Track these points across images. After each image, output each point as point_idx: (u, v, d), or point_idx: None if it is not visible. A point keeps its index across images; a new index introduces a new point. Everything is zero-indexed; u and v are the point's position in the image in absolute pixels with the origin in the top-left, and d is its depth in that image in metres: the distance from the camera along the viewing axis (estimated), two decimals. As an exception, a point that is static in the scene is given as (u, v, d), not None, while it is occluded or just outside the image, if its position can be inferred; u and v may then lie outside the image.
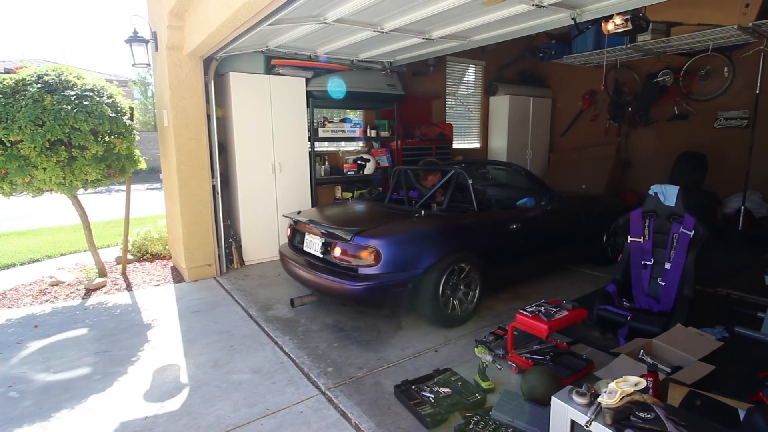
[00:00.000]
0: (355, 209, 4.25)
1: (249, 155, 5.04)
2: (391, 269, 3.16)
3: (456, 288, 3.46)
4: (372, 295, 3.18)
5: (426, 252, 3.27)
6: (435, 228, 3.46)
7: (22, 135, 3.59)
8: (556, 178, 7.87)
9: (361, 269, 3.20)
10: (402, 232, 3.35)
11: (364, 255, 3.18)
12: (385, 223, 3.51)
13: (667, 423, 1.57)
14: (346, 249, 3.28)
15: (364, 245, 3.18)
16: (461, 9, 3.71)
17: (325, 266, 3.44)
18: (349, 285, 3.17)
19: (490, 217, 3.85)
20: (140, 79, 21.96)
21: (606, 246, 4.89)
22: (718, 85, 6.11)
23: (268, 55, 5.07)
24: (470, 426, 2.23)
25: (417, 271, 3.22)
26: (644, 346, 2.72)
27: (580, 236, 4.62)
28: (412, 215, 3.61)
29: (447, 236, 3.43)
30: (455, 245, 3.42)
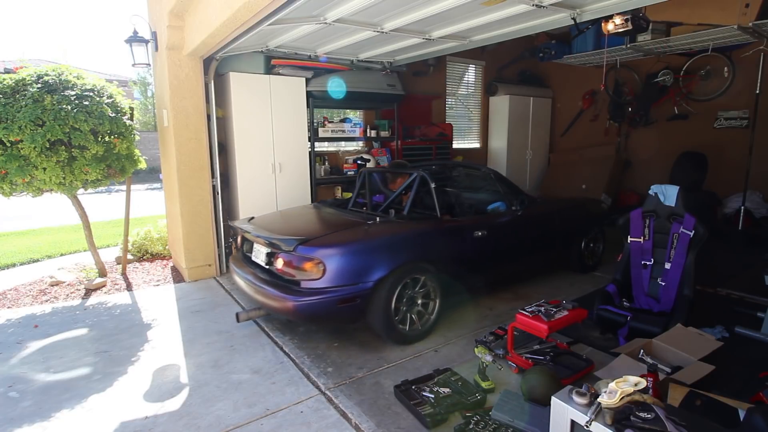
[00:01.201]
0: (310, 215, 3.94)
1: (249, 155, 5.04)
2: (337, 282, 2.88)
3: (413, 301, 3.21)
4: (315, 312, 2.90)
5: (377, 263, 2.98)
6: (389, 237, 3.19)
7: (22, 135, 3.59)
8: (556, 178, 7.89)
9: (303, 283, 2.92)
10: (350, 242, 3.06)
11: (308, 267, 2.89)
12: (336, 231, 3.25)
13: (667, 423, 1.57)
14: (289, 260, 2.98)
15: (308, 256, 2.90)
16: (461, 9, 3.71)
17: (269, 279, 3.15)
18: (289, 300, 2.88)
19: (452, 223, 3.58)
20: (140, 79, 21.98)
21: (584, 253, 4.68)
22: (718, 85, 6.11)
23: (268, 55, 5.07)
24: (470, 426, 2.23)
25: (367, 284, 2.93)
26: (644, 346, 2.72)
27: (556, 243, 4.38)
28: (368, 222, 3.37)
29: (402, 245, 3.16)
30: (411, 255, 3.15)
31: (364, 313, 3.03)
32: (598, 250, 4.84)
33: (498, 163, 7.85)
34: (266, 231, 3.37)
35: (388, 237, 3.19)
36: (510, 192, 4.17)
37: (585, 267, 4.69)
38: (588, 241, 4.68)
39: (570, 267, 4.65)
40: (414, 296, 3.22)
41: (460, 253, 3.52)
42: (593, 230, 4.70)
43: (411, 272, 3.13)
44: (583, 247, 4.62)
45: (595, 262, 4.81)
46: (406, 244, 3.19)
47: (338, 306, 2.90)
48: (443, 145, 6.75)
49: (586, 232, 4.62)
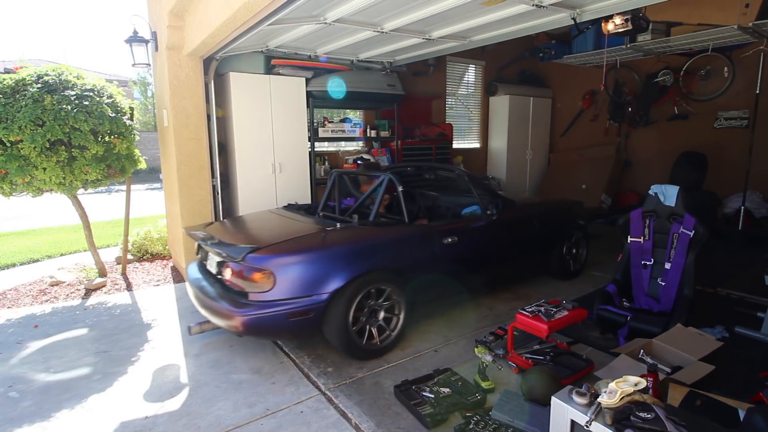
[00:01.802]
0: (271, 221, 3.69)
1: (249, 155, 5.04)
2: (288, 295, 2.68)
3: (374, 314, 3.01)
4: (263, 327, 2.69)
5: (333, 273, 2.77)
6: (347, 245, 2.96)
7: (22, 135, 3.59)
8: (556, 178, 7.89)
9: (252, 295, 2.71)
10: (303, 251, 2.84)
11: (257, 278, 2.68)
12: (291, 238, 3.02)
13: (667, 423, 1.57)
14: (238, 270, 2.76)
15: (257, 266, 2.69)
16: (461, 9, 3.71)
17: (221, 290, 2.93)
18: (235, 314, 2.66)
19: (420, 229, 3.37)
20: (140, 79, 21.97)
21: (567, 258, 4.44)
22: (718, 85, 6.11)
23: (268, 55, 5.07)
24: (470, 426, 2.23)
25: (322, 296, 2.73)
26: (644, 346, 2.72)
27: (535, 248, 4.16)
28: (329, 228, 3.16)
29: (362, 254, 2.93)
30: (373, 264, 2.93)
31: (319, 326, 2.83)
32: (582, 255, 4.62)
33: (498, 163, 7.86)
34: (217, 238, 3.13)
35: (346, 245, 2.96)
36: (485, 195, 3.92)
37: (567, 273, 4.48)
38: (570, 246, 4.45)
39: (551, 273, 4.43)
40: (376, 308, 3.01)
41: (429, 261, 3.30)
42: (576, 234, 4.48)
43: (373, 282, 2.93)
44: (565, 252, 4.39)
45: (578, 267, 4.59)
46: (368, 252, 2.97)
47: (289, 320, 2.68)
48: (443, 145, 6.75)
49: (568, 236, 4.39)
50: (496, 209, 3.74)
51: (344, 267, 2.82)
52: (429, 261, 3.30)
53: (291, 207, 4.07)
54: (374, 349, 3.01)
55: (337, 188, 3.85)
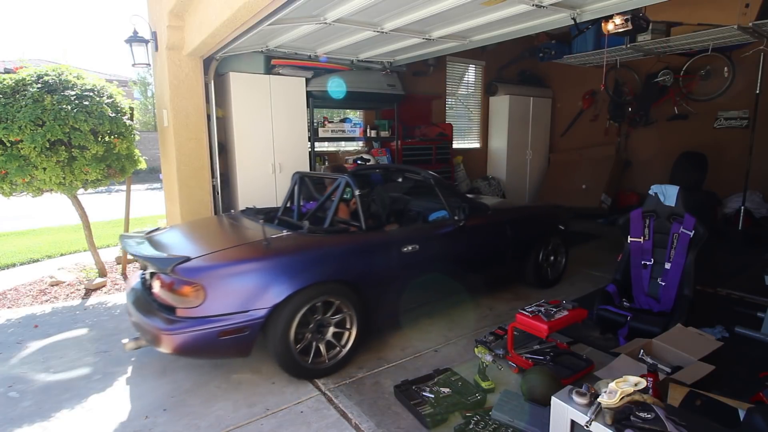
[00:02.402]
0: (218, 227, 3.47)
1: (249, 155, 5.04)
2: (220, 310, 2.45)
3: (322, 329, 2.78)
4: (191, 346, 2.45)
5: (273, 286, 2.54)
6: (290, 255, 2.72)
7: (22, 135, 3.59)
8: (556, 178, 7.89)
9: (180, 310, 2.47)
10: (238, 262, 2.61)
11: (185, 292, 2.44)
12: (228, 248, 2.77)
13: (667, 423, 1.57)
14: (166, 283, 2.51)
15: (186, 279, 2.44)
16: (461, 9, 3.71)
17: (149, 304, 2.70)
18: (160, 330, 2.43)
19: (377, 237, 3.16)
20: (140, 79, 21.96)
21: (543, 266, 4.20)
22: (718, 85, 6.11)
23: (268, 55, 5.08)
24: (470, 426, 2.23)
25: (259, 311, 2.50)
26: (644, 346, 2.72)
27: (507, 256, 3.91)
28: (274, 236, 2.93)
29: (307, 264, 2.70)
30: (320, 275, 2.70)
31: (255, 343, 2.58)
32: (560, 263, 4.39)
33: (498, 163, 7.86)
34: (148, 247, 2.89)
35: (288, 255, 2.71)
36: (452, 200, 3.68)
37: (543, 281, 4.23)
38: (548, 253, 4.23)
39: (526, 281, 4.21)
40: (324, 324, 2.78)
41: (386, 271, 3.05)
42: (553, 241, 4.26)
43: (319, 296, 2.69)
44: (542, 259, 4.15)
45: (556, 276, 4.36)
46: (313, 262, 2.73)
47: (220, 339, 2.44)
48: (443, 145, 6.75)
49: (545, 243, 4.16)
50: (464, 214, 3.48)
51: (285, 279, 2.58)
52: (386, 271, 3.05)
53: (248, 211, 3.78)
54: (321, 368, 2.75)
55: (298, 191, 3.59)
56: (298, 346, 2.66)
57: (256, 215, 3.60)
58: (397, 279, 3.12)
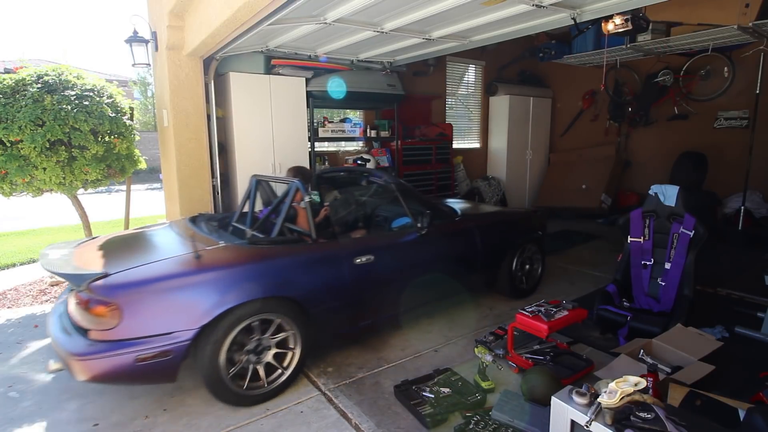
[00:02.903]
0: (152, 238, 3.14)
1: (249, 155, 5.04)
2: (139, 333, 2.20)
3: (261, 351, 2.54)
4: (104, 373, 2.18)
5: (201, 305, 2.30)
6: (221, 269, 2.46)
7: (22, 135, 3.59)
8: (556, 178, 7.89)
9: (93, 332, 2.21)
10: (161, 278, 2.34)
11: (100, 312, 2.18)
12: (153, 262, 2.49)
13: (667, 423, 1.57)
14: (83, 301, 2.25)
15: (102, 298, 2.19)
16: (461, 9, 3.71)
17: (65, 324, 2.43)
18: (70, 354, 2.18)
19: (324, 248, 2.88)
20: (140, 79, 21.96)
21: (518, 274, 3.97)
22: (718, 85, 6.11)
23: (268, 55, 5.08)
24: (470, 426, 2.23)
25: (185, 333, 2.27)
26: (644, 346, 2.73)
27: (476, 265, 3.68)
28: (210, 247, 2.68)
29: (242, 280, 2.45)
30: (257, 291, 2.45)
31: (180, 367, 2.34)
32: (536, 271, 4.17)
33: (498, 163, 7.86)
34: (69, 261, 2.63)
35: (221, 269, 2.46)
36: (416, 206, 3.46)
37: (517, 291, 4.00)
38: (523, 262, 4.01)
39: (498, 291, 4.00)
40: (262, 345, 2.54)
41: (336, 285, 2.81)
42: (529, 248, 4.04)
43: (257, 314, 2.47)
44: (515, 268, 3.91)
45: (532, 285, 4.15)
46: (251, 277, 2.49)
47: (139, 364, 2.20)
48: (443, 145, 6.75)
49: (520, 250, 3.93)
50: (426, 222, 3.23)
51: (215, 297, 2.34)
52: (336, 286, 2.80)
53: (200, 217, 3.46)
54: (259, 394, 2.53)
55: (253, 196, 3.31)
56: (231, 370, 2.43)
57: (207, 222, 3.32)
58: (349, 294, 2.86)
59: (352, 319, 2.96)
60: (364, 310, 3.00)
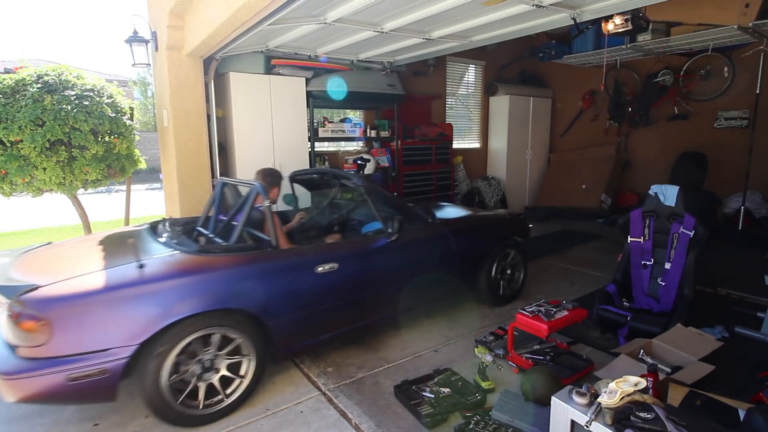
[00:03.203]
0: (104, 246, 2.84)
1: (249, 155, 5.04)
2: (71, 350, 2.04)
3: (210, 368, 2.39)
4: (33, 393, 2.02)
5: (141, 319, 2.14)
6: (167, 280, 2.28)
7: (22, 135, 3.59)
8: (556, 178, 7.89)
9: (21, 349, 2.05)
10: (96, 291, 2.15)
11: (29, 327, 2.02)
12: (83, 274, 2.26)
13: (667, 423, 1.57)
14: (13, 314, 2.09)
15: (32, 312, 2.03)
16: (461, 9, 3.71)
17: None
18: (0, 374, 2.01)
19: (283, 256, 2.67)
20: (140, 79, 21.96)
21: (498, 280, 3.80)
22: (718, 85, 6.11)
23: (268, 55, 5.07)
24: (470, 426, 2.23)
25: (124, 350, 2.10)
26: (644, 346, 2.73)
27: (453, 271, 3.49)
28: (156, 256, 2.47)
29: (189, 291, 2.28)
30: (205, 304, 2.28)
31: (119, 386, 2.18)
32: (518, 276, 4.00)
33: (498, 163, 7.86)
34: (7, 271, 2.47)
35: (165, 281, 2.28)
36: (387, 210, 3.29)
37: (498, 298, 3.84)
38: (504, 267, 3.85)
39: (478, 297, 3.84)
40: (212, 361, 2.39)
41: (295, 296, 2.62)
42: (510, 254, 3.86)
43: (205, 328, 2.31)
44: (495, 273, 3.75)
45: (515, 291, 3.98)
46: (199, 289, 2.31)
47: (71, 384, 2.03)
48: (443, 145, 6.75)
49: (501, 255, 3.77)
50: (396, 227, 3.06)
51: (157, 310, 2.17)
52: (295, 296, 2.62)
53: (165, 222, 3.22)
54: (208, 414, 2.37)
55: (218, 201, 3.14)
56: (180, 389, 2.29)
57: (171, 227, 3.11)
58: (310, 304, 2.68)
59: (315, 330, 2.78)
60: (327, 321, 2.82)
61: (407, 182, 6.39)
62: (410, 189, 6.43)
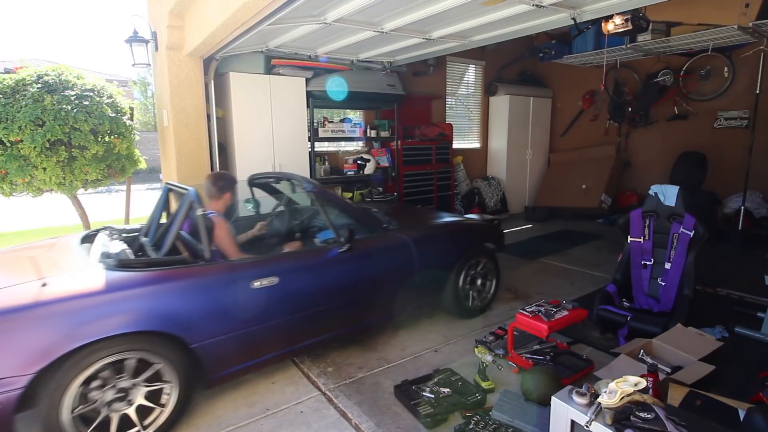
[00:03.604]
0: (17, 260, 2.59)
1: (249, 155, 5.04)
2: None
3: (125, 397, 2.14)
4: None
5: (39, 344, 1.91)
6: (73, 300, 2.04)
7: (22, 135, 3.59)
8: (556, 178, 7.89)
9: None
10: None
11: None
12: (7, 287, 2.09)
13: (667, 423, 1.57)
14: None
15: None
16: (461, 9, 3.71)
17: None
18: None
19: (213, 271, 2.40)
20: (140, 79, 21.96)
21: (467, 292, 3.55)
22: (718, 85, 6.11)
23: (268, 55, 5.08)
24: (470, 426, 2.23)
25: (17, 380, 1.87)
26: (644, 346, 2.73)
27: (414, 283, 3.19)
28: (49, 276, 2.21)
29: (99, 312, 2.05)
30: (117, 326, 2.05)
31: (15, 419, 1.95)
32: (488, 287, 3.74)
33: (498, 163, 7.86)
34: None
35: (68, 301, 2.03)
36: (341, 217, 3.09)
37: (466, 310, 3.56)
38: (474, 277, 3.59)
39: (445, 309, 3.57)
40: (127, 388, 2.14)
41: (227, 315, 2.37)
42: (481, 262, 3.60)
43: (118, 353, 2.08)
44: (463, 284, 3.48)
45: (485, 302, 3.72)
46: (109, 309, 2.07)
47: None
48: (443, 145, 6.75)
49: (469, 265, 3.50)
50: (348, 236, 2.82)
51: (57, 335, 1.94)
52: (226, 315, 2.37)
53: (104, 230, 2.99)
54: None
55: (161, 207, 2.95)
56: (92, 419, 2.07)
57: (110, 236, 2.89)
58: (244, 324, 2.43)
59: (252, 352, 2.53)
60: (267, 341, 2.57)
61: (407, 182, 6.39)
62: (410, 189, 6.43)
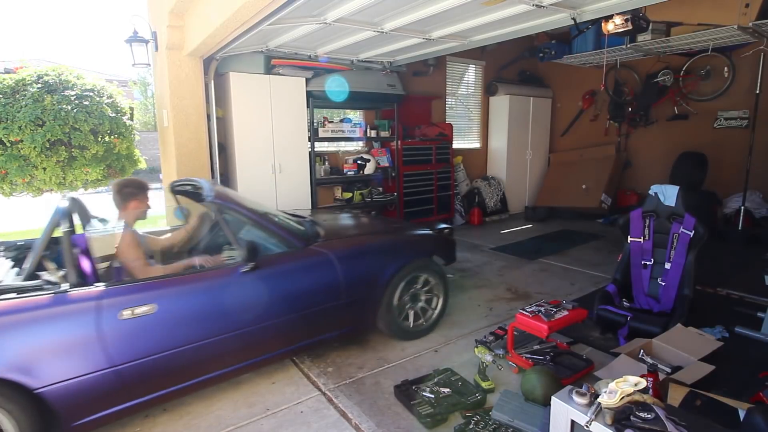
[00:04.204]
0: None
1: (249, 155, 5.04)
2: None
3: None
4: None
5: None
6: None
7: (22, 135, 3.60)
8: (556, 178, 7.89)
9: None
10: None
11: None
12: None
13: (667, 423, 1.57)
14: None
15: None
16: (461, 9, 3.71)
17: None
18: None
19: (71, 298, 2.03)
20: (140, 79, 21.95)
21: (405, 309, 3.16)
22: (718, 85, 6.11)
23: (268, 55, 5.08)
24: (470, 426, 2.23)
25: None
26: (644, 346, 2.73)
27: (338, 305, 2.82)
28: None
29: None
30: None
31: None
32: (434, 304, 3.33)
33: (498, 163, 7.86)
34: None
35: None
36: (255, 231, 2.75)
37: (405, 332, 3.18)
38: (415, 295, 3.19)
39: (381, 330, 3.16)
40: None
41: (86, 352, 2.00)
42: (423, 279, 3.21)
43: None
44: (398, 302, 3.08)
45: (430, 322, 3.31)
46: None
47: None
48: (443, 145, 6.75)
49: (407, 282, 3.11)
50: (246, 255, 2.43)
51: None
52: (85, 352, 2.00)
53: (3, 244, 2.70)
54: None
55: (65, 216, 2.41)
56: None
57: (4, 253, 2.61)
58: (108, 361, 2.05)
59: (123, 394, 2.15)
60: (142, 380, 2.18)
61: (407, 182, 6.39)
62: (410, 189, 6.43)
